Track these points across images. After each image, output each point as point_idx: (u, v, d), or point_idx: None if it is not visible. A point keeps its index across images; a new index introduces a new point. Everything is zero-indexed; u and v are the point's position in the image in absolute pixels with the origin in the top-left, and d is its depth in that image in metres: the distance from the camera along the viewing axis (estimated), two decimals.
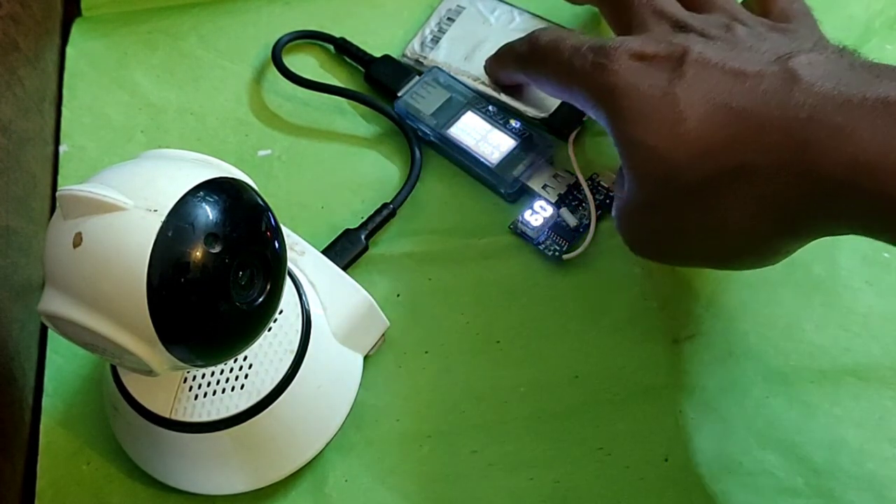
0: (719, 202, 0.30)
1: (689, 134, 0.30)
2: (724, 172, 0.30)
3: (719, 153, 0.30)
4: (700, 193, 0.30)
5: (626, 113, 0.31)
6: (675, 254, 0.34)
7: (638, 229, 0.34)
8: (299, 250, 0.36)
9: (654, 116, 0.31)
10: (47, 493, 0.35)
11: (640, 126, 0.31)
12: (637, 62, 0.32)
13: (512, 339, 0.37)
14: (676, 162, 0.30)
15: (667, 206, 0.31)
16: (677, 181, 0.30)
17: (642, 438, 0.35)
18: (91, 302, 0.27)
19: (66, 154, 0.43)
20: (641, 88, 0.31)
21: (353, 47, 0.44)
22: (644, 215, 0.33)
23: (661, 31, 0.34)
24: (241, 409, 0.32)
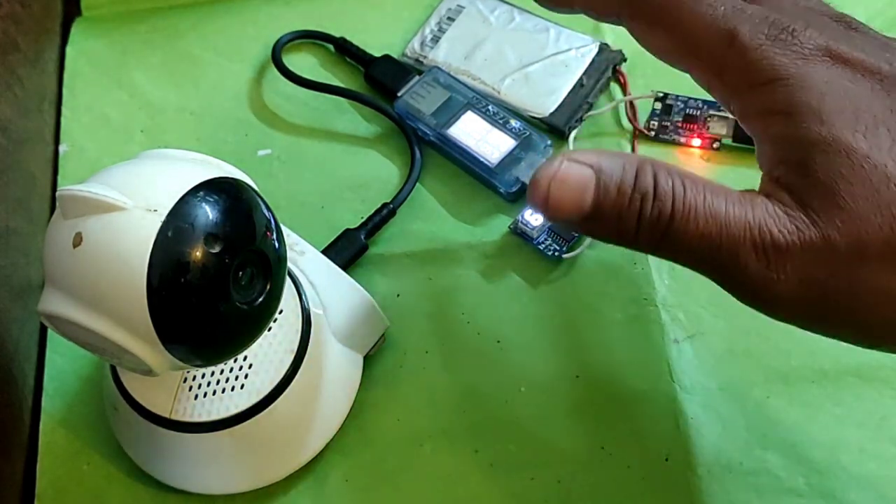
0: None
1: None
2: None
3: None
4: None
5: (834, 112, 0.23)
6: (854, 321, 0.24)
7: (803, 279, 0.23)
8: (299, 250, 0.36)
9: (881, 130, 0.23)
10: (47, 493, 0.35)
11: (859, 134, 0.23)
12: (832, 59, 0.24)
13: (512, 338, 0.37)
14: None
15: (875, 253, 0.22)
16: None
17: (643, 438, 0.35)
18: (91, 302, 0.27)
19: (66, 154, 0.43)
20: (853, 92, 0.24)
21: (353, 47, 0.44)
22: (825, 259, 0.23)
23: (832, 26, 0.26)
24: (241, 409, 0.32)
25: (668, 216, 0.24)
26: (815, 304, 0.24)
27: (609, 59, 0.42)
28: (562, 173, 0.24)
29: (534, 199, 0.25)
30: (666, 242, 0.24)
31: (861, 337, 0.24)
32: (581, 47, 0.42)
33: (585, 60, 0.42)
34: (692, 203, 0.23)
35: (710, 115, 0.41)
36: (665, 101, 0.41)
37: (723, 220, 0.23)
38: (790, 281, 0.23)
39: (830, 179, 0.23)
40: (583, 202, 0.24)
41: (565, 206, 0.24)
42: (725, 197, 0.24)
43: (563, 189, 0.24)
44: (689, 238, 0.24)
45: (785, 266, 0.23)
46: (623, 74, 0.42)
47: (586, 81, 0.42)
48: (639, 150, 0.40)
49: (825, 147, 0.23)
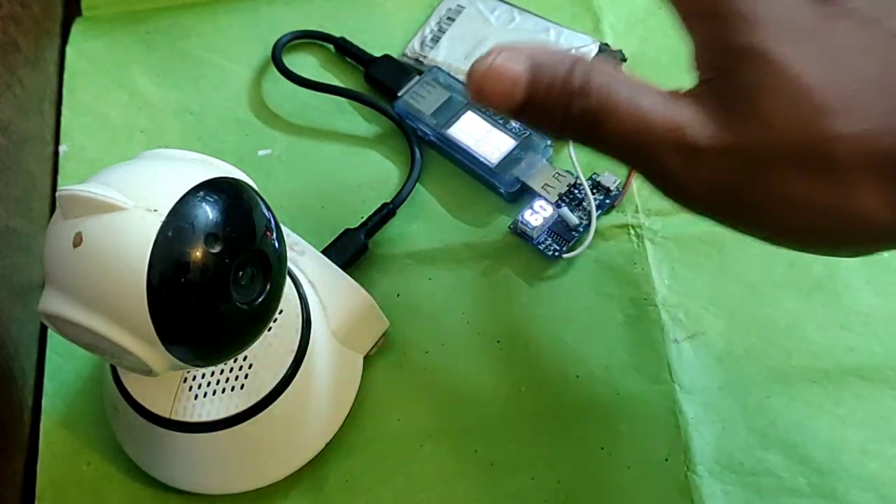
0: (857, 180, 0.23)
1: (851, 81, 0.23)
2: (879, 146, 0.23)
3: (880, 121, 0.23)
4: (839, 160, 0.23)
5: (761, 20, 0.24)
6: (760, 222, 0.25)
7: (718, 179, 0.24)
8: (299, 250, 0.36)
9: (807, 41, 0.24)
10: (47, 493, 0.35)
11: (784, 43, 0.23)
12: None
13: (512, 338, 0.37)
14: (829, 106, 0.23)
15: (786, 161, 0.23)
16: (820, 131, 0.23)
17: (643, 438, 0.35)
18: (91, 302, 0.27)
19: (66, 154, 0.43)
20: (782, 6, 0.24)
21: (353, 47, 0.44)
22: (739, 162, 0.24)
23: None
24: (241, 409, 0.32)
25: (594, 113, 0.25)
26: (729, 204, 0.25)
27: (609, 58, 0.42)
28: (495, 67, 0.26)
29: (468, 87, 0.27)
30: (591, 137, 0.25)
31: (770, 236, 0.25)
32: (581, 47, 0.42)
33: None
34: (618, 101, 0.24)
35: None
36: None
37: (647, 120, 0.24)
38: (706, 181, 0.24)
39: (753, 88, 0.24)
40: (513, 96, 0.26)
41: (496, 98, 0.26)
42: (653, 97, 0.25)
43: (495, 83, 0.26)
44: (613, 134, 0.25)
45: (702, 166, 0.24)
46: None
47: None
48: None
49: (752, 56, 0.24)
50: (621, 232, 0.39)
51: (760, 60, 0.24)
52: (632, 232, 0.39)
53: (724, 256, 0.38)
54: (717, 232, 0.38)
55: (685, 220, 0.39)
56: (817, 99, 0.23)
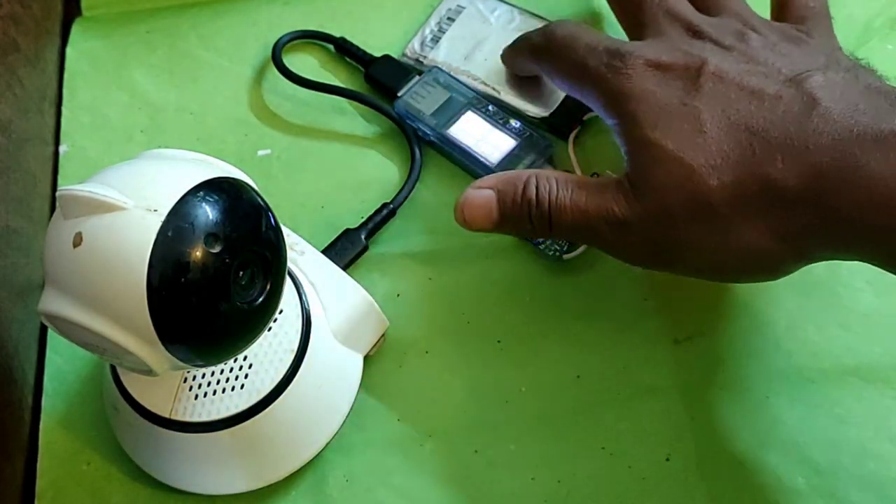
0: (734, 219, 0.29)
1: (709, 144, 0.30)
2: (743, 189, 0.29)
3: (739, 169, 0.29)
4: (716, 207, 0.29)
5: (642, 116, 0.31)
6: (679, 266, 0.32)
7: (641, 241, 0.32)
8: (299, 250, 0.36)
9: (674, 124, 0.30)
10: (47, 493, 0.35)
11: (657, 130, 0.31)
12: (653, 70, 0.32)
13: (513, 338, 0.37)
14: (697, 169, 0.30)
15: (679, 217, 0.30)
16: (696, 189, 0.30)
17: (644, 438, 0.35)
18: (91, 302, 0.27)
19: (66, 154, 0.43)
20: (658, 95, 0.31)
21: (353, 47, 0.44)
22: (651, 225, 0.31)
23: (675, 36, 0.33)
24: (241, 409, 0.32)
25: (547, 214, 0.33)
26: (654, 256, 0.32)
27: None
28: (470, 199, 0.34)
29: (457, 220, 0.35)
30: (552, 231, 0.33)
31: (696, 275, 0.33)
32: None
33: None
34: (562, 202, 0.33)
35: None
36: None
37: (584, 210, 0.32)
38: (633, 242, 0.32)
39: (645, 169, 0.31)
40: (490, 216, 0.34)
41: (479, 221, 0.34)
42: (586, 191, 0.33)
43: (474, 211, 0.34)
44: (565, 225, 0.33)
45: (627, 233, 0.32)
46: None
47: None
48: None
49: (639, 145, 0.31)
50: None
51: (645, 146, 0.31)
52: None
53: None
54: None
55: None
56: (688, 165, 0.30)
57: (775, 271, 0.31)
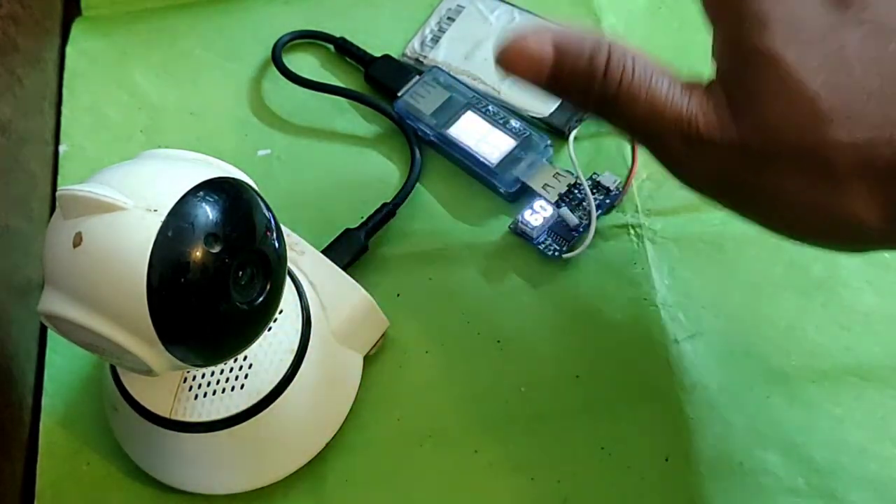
0: (848, 184, 0.24)
1: (852, 89, 0.24)
2: (874, 154, 0.24)
3: (878, 129, 0.24)
4: (834, 165, 0.24)
5: (774, 24, 0.25)
6: (753, 212, 0.27)
7: (718, 170, 0.26)
8: (299, 250, 0.36)
9: (813, 49, 0.25)
10: (47, 493, 0.35)
11: (790, 49, 0.25)
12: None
13: (512, 338, 0.37)
14: (828, 113, 0.24)
15: (782, 161, 0.25)
16: (818, 137, 0.24)
17: (643, 438, 0.35)
18: (91, 302, 0.27)
19: (66, 154, 0.43)
20: (799, 8, 0.25)
21: (353, 47, 0.44)
22: (739, 157, 0.25)
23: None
24: (241, 409, 0.32)
25: (612, 96, 0.27)
26: (726, 191, 0.27)
27: None
28: (519, 46, 0.27)
29: (498, 63, 0.28)
30: (608, 115, 0.27)
31: (765, 223, 0.27)
32: None
33: None
34: (634, 87, 0.26)
35: None
36: None
37: (659, 107, 0.26)
38: (707, 168, 0.26)
39: (757, 87, 0.25)
40: (539, 74, 0.27)
41: (524, 73, 0.28)
42: (668, 86, 0.26)
43: (523, 60, 0.27)
44: (628, 117, 0.27)
45: (704, 156, 0.26)
46: None
47: None
48: (639, 149, 0.40)
49: (759, 56, 0.25)
50: (621, 232, 0.39)
51: (768, 62, 0.25)
52: (632, 232, 0.39)
53: (724, 256, 0.38)
54: (717, 232, 0.38)
55: (685, 220, 0.39)
56: (818, 106, 0.24)
57: (863, 249, 0.27)
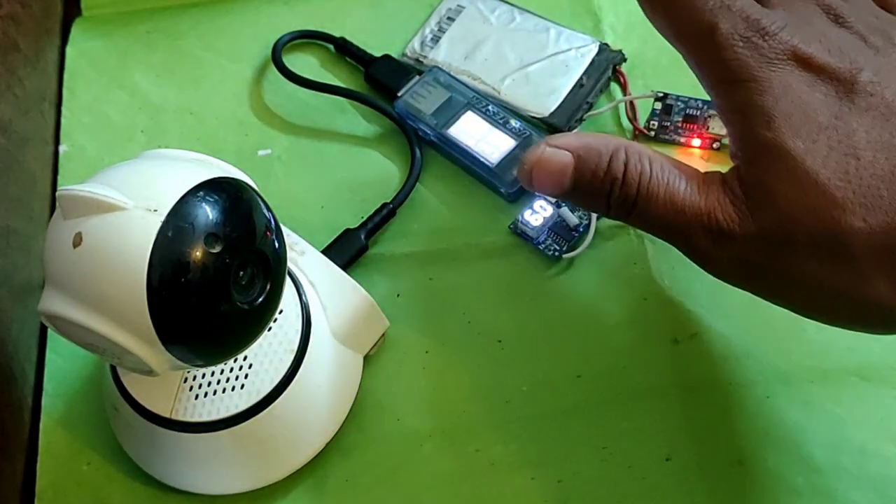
0: (870, 269, 0.25)
1: (861, 175, 0.25)
2: (892, 238, 0.25)
3: (891, 213, 0.24)
4: (852, 251, 0.25)
5: (781, 118, 0.26)
6: (782, 299, 0.28)
7: (742, 261, 0.27)
8: (299, 250, 0.36)
9: (820, 138, 0.25)
10: (47, 493, 0.35)
11: (798, 141, 0.25)
12: (800, 64, 0.26)
13: (513, 338, 0.37)
14: (841, 202, 0.25)
15: (801, 249, 0.25)
16: (834, 225, 0.25)
17: (644, 438, 0.35)
18: (91, 302, 0.27)
19: (66, 154, 0.43)
20: (805, 98, 0.26)
21: (353, 47, 0.44)
22: (760, 247, 0.26)
23: (816, 20, 0.27)
24: (241, 409, 0.32)
25: (633, 200, 0.28)
26: (752, 280, 0.28)
27: (609, 59, 0.42)
28: (544, 159, 0.29)
29: (520, 178, 0.30)
30: (632, 218, 0.29)
31: (791, 308, 0.28)
32: (581, 47, 0.42)
33: (585, 60, 0.42)
34: (655, 190, 0.27)
35: (710, 115, 0.41)
36: (665, 101, 0.41)
37: (679, 206, 0.27)
38: (730, 259, 0.27)
39: (770, 179, 0.26)
40: (562, 184, 0.29)
41: (547, 186, 0.29)
42: (687, 184, 0.28)
43: (544, 174, 0.29)
44: (651, 218, 0.28)
45: (727, 247, 0.27)
46: (623, 74, 0.42)
47: (586, 81, 0.42)
48: None
49: (769, 150, 0.26)
50: (621, 232, 0.39)
51: (777, 155, 0.26)
52: (632, 232, 0.39)
53: None
54: None
55: None
56: (830, 194, 0.25)
57: (890, 329, 0.27)
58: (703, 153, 0.40)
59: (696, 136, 0.40)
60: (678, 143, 0.41)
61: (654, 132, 0.41)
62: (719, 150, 0.40)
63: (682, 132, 0.41)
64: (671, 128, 0.41)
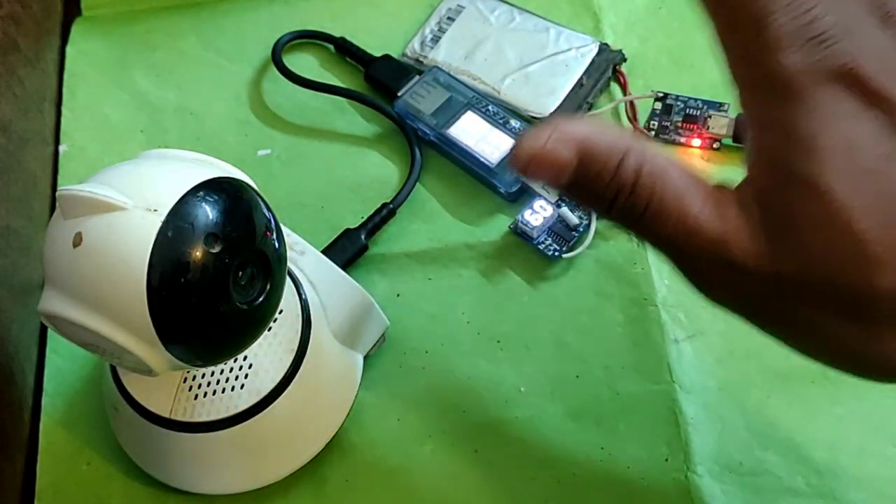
0: (891, 328, 0.23)
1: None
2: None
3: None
4: (880, 309, 0.22)
5: (822, 151, 0.22)
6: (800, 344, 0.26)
7: (756, 299, 0.25)
8: (299, 250, 0.36)
9: (865, 181, 0.22)
10: (47, 493, 0.35)
11: (839, 181, 0.22)
12: (854, 88, 0.22)
13: (512, 338, 0.37)
14: (878, 257, 0.22)
15: (824, 301, 0.23)
16: (864, 281, 0.22)
17: (643, 438, 0.35)
18: (91, 302, 0.27)
19: (66, 154, 0.43)
20: (853, 132, 0.22)
21: (353, 47, 0.44)
22: (777, 291, 0.24)
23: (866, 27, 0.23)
24: (241, 409, 0.32)
25: (640, 212, 0.24)
26: (757, 314, 0.25)
27: (609, 59, 0.42)
28: (544, 152, 0.25)
29: (514, 164, 0.26)
30: (634, 228, 0.25)
31: (796, 350, 0.26)
32: (581, 47, 0.42)
33: (585, 60, 0.42)
34: (665, 203, 0.24)
35: (709, 115, 0.41)
36: (665, 101, 0.41)
37: (690, 227, 0.24)
38: (737, 291, 0.24)
39: (797, 215, 0.23)
40: (559, 180, 0.25)
41: (542, 179, 0.26)
42: (701, 203, 0.24)
43: (541, 167, 0.25)
44: (656, 233, 0.25)
45: (735, 279, 0.24)
46: (623, 74, 0.42)
47: (586, 81, 0.42)
48: None
49: (803, 185, 0.23)
50: (621, 232, 0.39)
51: (812, 191, 0.22)
52: None
53: None
54: None
55: None
56: (865, 248, 0.22)
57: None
58: (703, 153, 0.40)
59: (696, 136, 0.40)
60: (678, 143, 0.41)
61: (654, 132, 0.41)
62: (719, 150, 0.40)
63: (681, 132, 0.41)
64: (671, 128, 0.41)
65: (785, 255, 0.23)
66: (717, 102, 0.41)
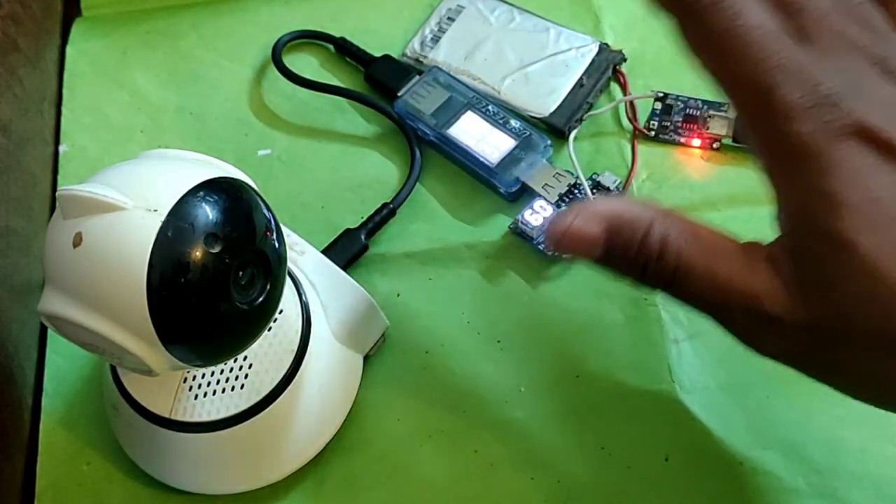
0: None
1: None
2: None
3: None
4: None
5: (846, 207, 0.23)
6: (835, 383, 0.27)
7: (790, 345, 0.25)
8: (299, 250, 0.36)
9: (892, 231, 0.23)
10: (47, 493, 0.35)
11: (865, 234, 0.23)
12: (863, 141, 0.23)
13: (512, 338, 0.37)
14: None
15: (858, 345, 0.24)
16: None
17: (643, 438, 0.35)
18: (91, 302, 0.27)
19: (66, 154, 0.43)
20: (873, 183, 0.23)
21: (353, 47, 0.44)
22: (810, 337, 0.25)
23: (868, 81, 0.24)
24: (241, 409, 0.32)
25: (670, 276, 0.26)
26: (798, 363, 0.26)
27: (609, 59, 0.42)
28: (574, 229, 0.27)
29: (550, 245, 0.28)
30: (670, 291, 0.27)
31: (836, 388, 0.27)
32: (581, 47, 0.42)
33: (585, 60, 0.42)
34: (693, 266, 0.26)
35: (710, 115, 0.41)
36: (665, 101, 0.41)
37: (721, 285, 0.25)
38: (776, 342, 0.26)
39: (828, 268, 0.24)
40: (592, 254, 0.27)
41: (577, 253, 0.28)
42: (729, 262, 0.25)
43: (572, 245, 0.27)
44: (688, 294, 0.26)
45: (772, 333, 0.25)
46: (623, 74, 0.42)
47: (586, 81, 0.42)
48: (639, 149, 0.40)
49: (831, 238, 0.23)
50: None
51: (841, 246, 0.23)
52: None
53: None
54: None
55: None
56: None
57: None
58: (703, 153, 0.40)
59: (696, 136, 0.40)
60: (678, 143, 0.41)
61: (654, 132, 0.41)
62: (719, 150, 0.40)
63: (682, 132, 0.41)
64: (671, 128, 0.41)
65: (819, 307, 0.24)
66: (717, 102, 0.41)
